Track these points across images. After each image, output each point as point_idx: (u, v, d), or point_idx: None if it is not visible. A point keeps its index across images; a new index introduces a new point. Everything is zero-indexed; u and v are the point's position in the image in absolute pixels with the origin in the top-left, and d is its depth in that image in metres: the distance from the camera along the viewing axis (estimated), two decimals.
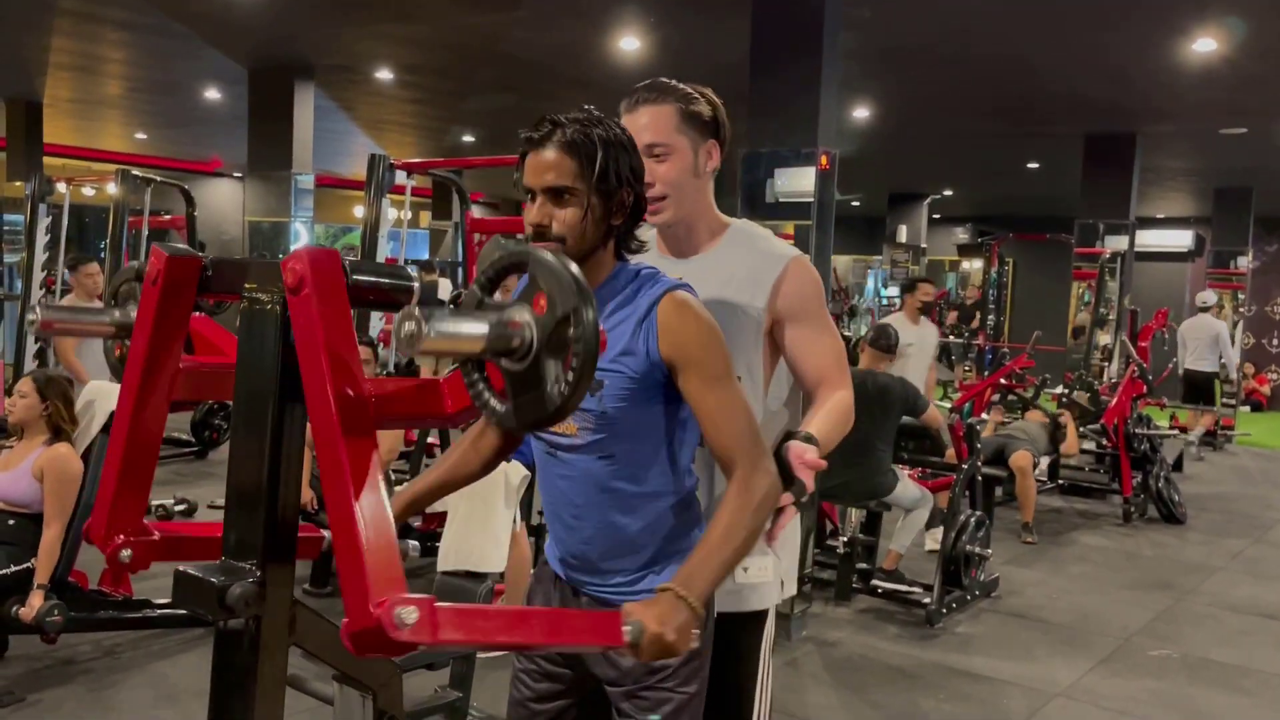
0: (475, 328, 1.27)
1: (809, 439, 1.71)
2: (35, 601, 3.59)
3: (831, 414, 1.82)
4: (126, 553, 1.51)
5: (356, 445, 1.30)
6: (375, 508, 1.28)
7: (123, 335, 1.62)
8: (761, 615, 1.89)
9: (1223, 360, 10.43)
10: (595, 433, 1.65)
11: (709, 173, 1.88)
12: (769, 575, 1.87)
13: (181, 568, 1.40)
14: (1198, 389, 10.36)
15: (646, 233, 1.96)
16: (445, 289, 8.77)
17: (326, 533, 1.64)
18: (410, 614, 1.21)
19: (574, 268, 1.29)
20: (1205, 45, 6.12)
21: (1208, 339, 10.33)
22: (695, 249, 1.91)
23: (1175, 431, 8.52)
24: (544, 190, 1.59)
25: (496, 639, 1.38)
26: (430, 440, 5.85)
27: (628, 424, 1.64)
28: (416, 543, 1.99)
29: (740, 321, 1.83)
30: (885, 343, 5.25)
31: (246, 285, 1.43)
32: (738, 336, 1.80)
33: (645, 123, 1.80)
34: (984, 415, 8.20)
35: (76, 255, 6.41)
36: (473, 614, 1.34)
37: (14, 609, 3.60)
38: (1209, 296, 10.90)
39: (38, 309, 1.60)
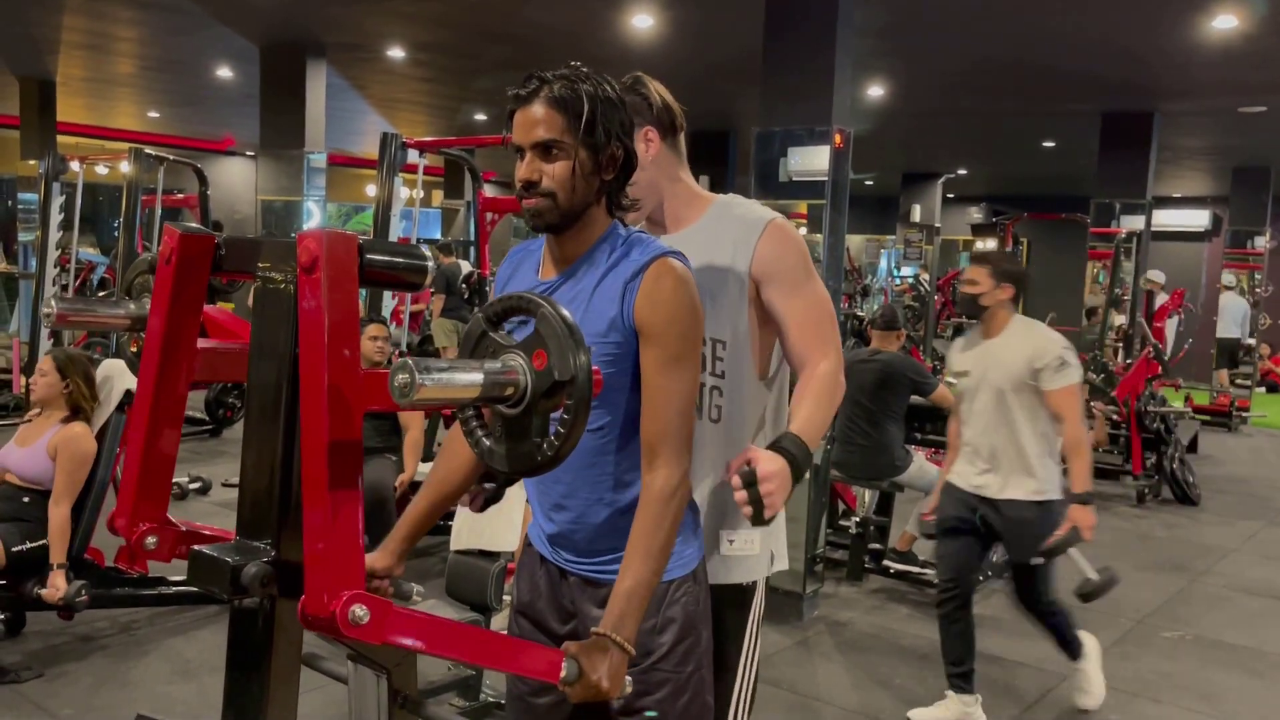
0: (469, 378, 1.30)
1: (791, 442, 1.71)
2: (59, 582, 3.62)
3: (816, 398, 1.80)
4: (152, 540, 1.54)
5: (340, 438, 1.32)
6: (347, 502, 1.33)
7: (138, 328, 1.62)
8: (749, 589, 1.88)
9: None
10: None
11: (655, 157, 1.85)
12: (755, 548, 1.87)
13: (197, 548, 1.40)
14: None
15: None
16: (465, 269, 8.78)
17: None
18: (364, 614, 1.31)
19: (576, 330, 1.32)
20: (1226, 22, 6.03)
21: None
22: (677, 226, 1.90)
23: (1188, 410, 8.46)
24: (532, 146, 1.59)
25: (439, 650, 1.45)
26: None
27: (615, 391, 1.62)
28: (419, 586, 2.02)
29: (724, 284, 1.83)
30: (887, 321, 5.24)
31: (260, 264, 1.43)
32: (721, 298, 1.81)
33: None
34: None
35: None
36: (424, 623, 1.40)
37: (35, 589, 3.63)
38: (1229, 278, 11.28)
39: (53, 303, 1.60)
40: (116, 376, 4.01)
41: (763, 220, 1.86)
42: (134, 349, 1.68)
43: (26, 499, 3.77)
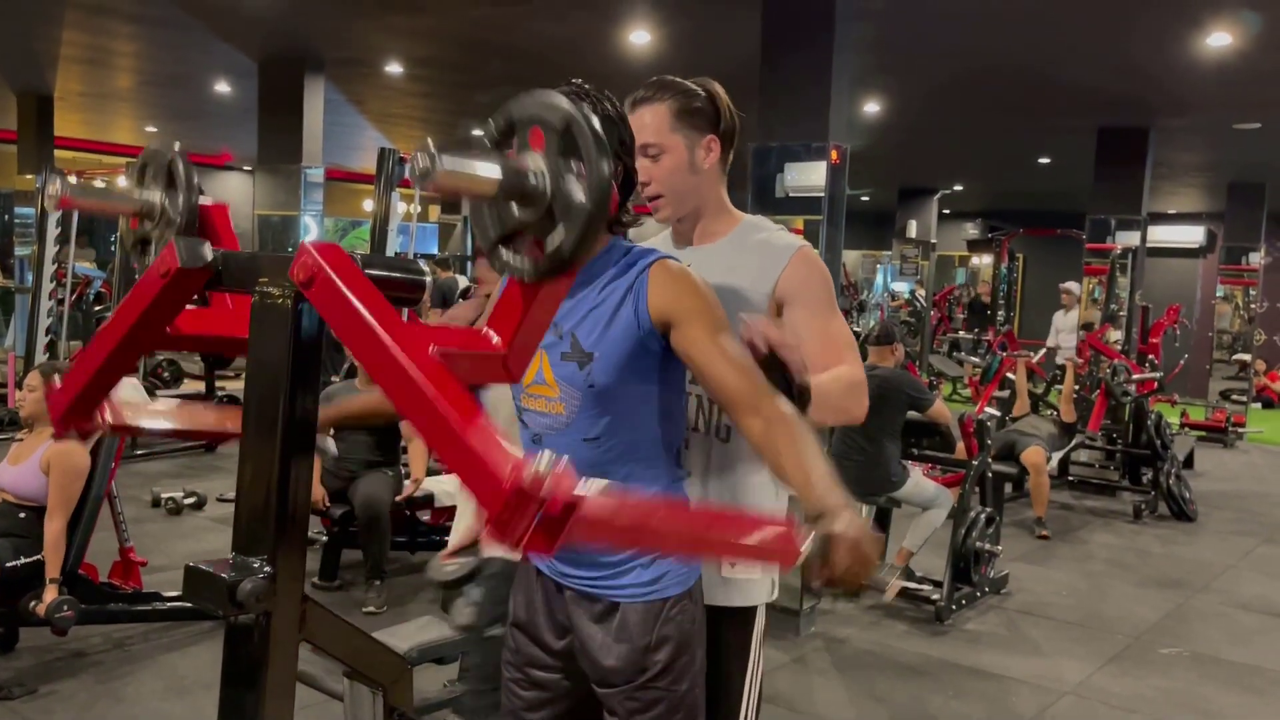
0: (489, 168, 1.24)
1: (803, 385, 1.62)
2: (49, 596, 3.60)
3: (836, 379, 1.75)
4: (74, 434, 1.60)
5: (426, 365, 1.24)
6: (461, 401, 1.21)
7: (145, 217, 1.59)
8: (750, 612, 1.88)
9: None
10: (582, 410, 1.63)
11: (711, 167, 1.86)
12: (758, 572, 1.86)
13: (192, 563, 1.39)
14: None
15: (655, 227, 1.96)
16: (462, 284, 8.79)
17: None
18: (546, 463, 1.11)
19: (587, 110, 1.26)
20: (1220, 39, 6.07)
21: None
22: (703, 240, 1.90)
23: (1177, 416, 8.53)
24: None
25: (657, 534, 1.25)
26: None
27: (616, 400, 1.62)
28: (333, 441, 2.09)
29: (744, 304, 1.81)
30: (884, 336, 5.25)
31: (259, 280, 1.43)
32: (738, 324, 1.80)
33: (644, 123, 1.80)
34: (990, 408, 8.20)
35: None
36: (635, 500, 1.27)
37: (30, 604, 3.62)
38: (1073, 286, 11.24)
39: (58, 183, 1.52)
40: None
41: (792, 246, 1.85)
42: (133, 230, 1.63)
43: (22, 515, 3.75)
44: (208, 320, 1.64)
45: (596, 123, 1.25)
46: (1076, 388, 7.55)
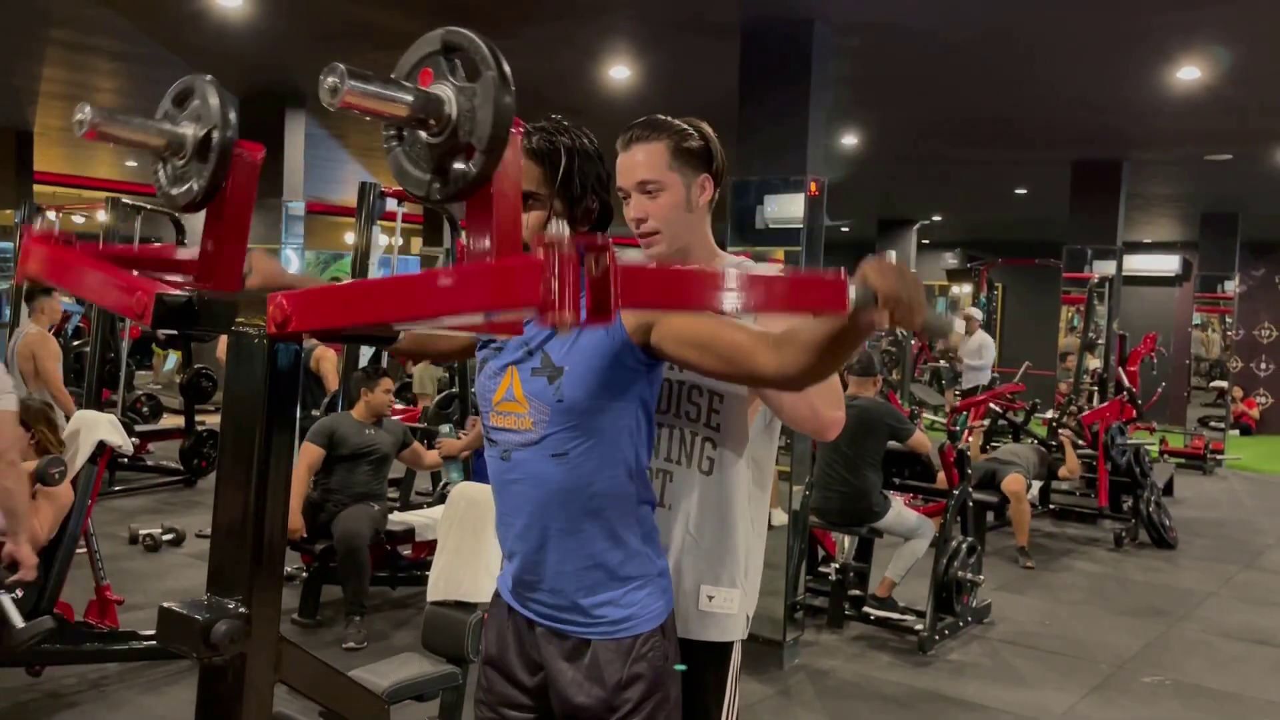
0: (400, 95, 1.26)
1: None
2: (25, 553, 3.34)
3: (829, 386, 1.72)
4: None
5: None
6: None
7: (173, 151, 1.52)
8: (726, 648, 1.87)
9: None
10: (550, 425, 1.62)
11: (703, 206, 1.89)
12: (734, 608, 1.86)
13: (166, 605, 1.38)
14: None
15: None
16: None
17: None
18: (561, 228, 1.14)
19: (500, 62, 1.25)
20: (1189, 73, 6.17)
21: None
22: None
23: (1156, 443, 8.59)
24: None
25: (709, 298, 1.23)
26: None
27: (584, 416, 1.61)
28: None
29: None
30: (864, 367, 5.28)
31: (237, 319, 1.43)
32: None
33: (639, 160, 1.82)
34: (968, 440, 8.24)
35: (34, 287, 6.37)
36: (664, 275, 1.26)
37: (4, 575, 3.42)
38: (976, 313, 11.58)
39: (87, 109, 1.47)
40: (87, 428, 3.96)
41: None
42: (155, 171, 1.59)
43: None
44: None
45: (487, 49, 1.24)
46: (1057, 419, 7.60)
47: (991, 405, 9.21)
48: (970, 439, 8.24)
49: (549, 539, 1.66)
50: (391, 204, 6.73)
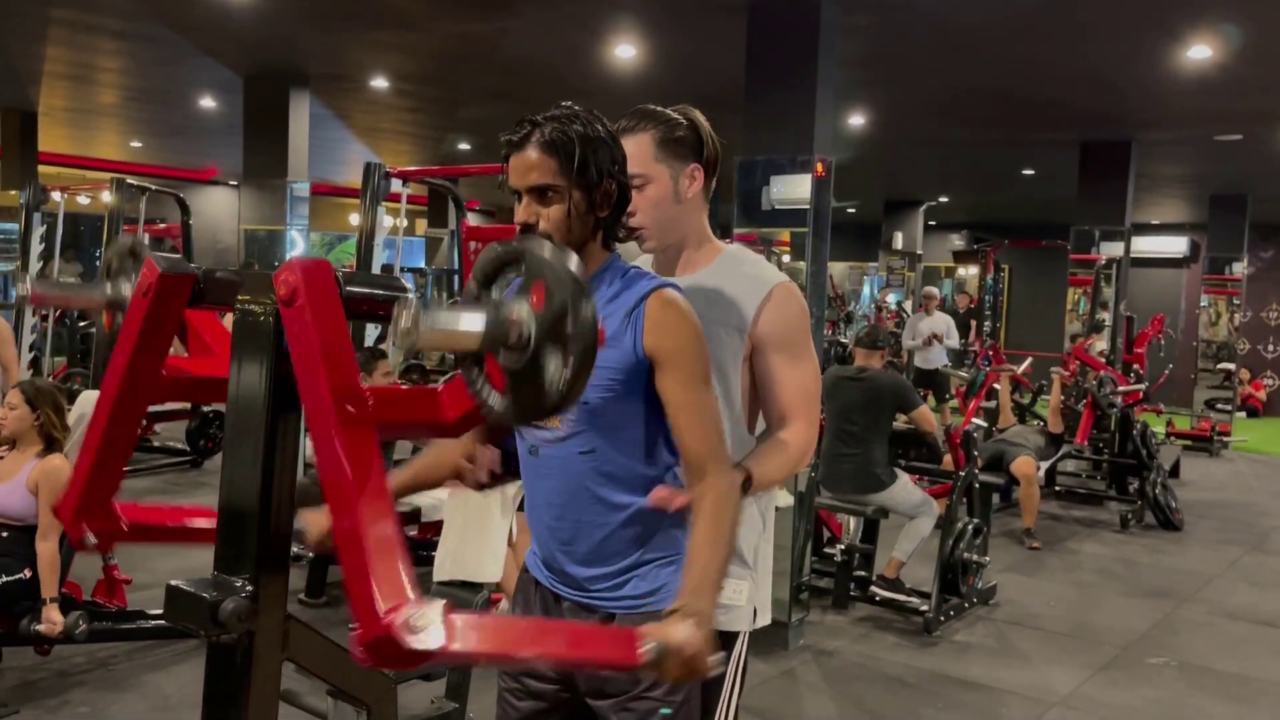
0: (471, 322, 1.26)
1: (745, 473, 1.72)
2: (54, 615, 3.61)
3: (782, 452, 1.82)
4: (91, 537, 1.52)
5: (357, 447, 1.28)
6: (379, 511, 1.26)
7: (115, 309, 1.61)
8: (731, 638, 1.87)
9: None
10: (577, 424, 1.66)
11: (694, 196, 1.86)
12: (742, 599, 1.87)
13: (174, 582, 1.38)
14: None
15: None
16: None
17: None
18: (422, 619, 1.17)
19: (573, 261, 1.30)
20: (1200, 52, 6.12)
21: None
22: (686, 271, 1.90)
23: (1163, 425, 8.59)
24: (528, 190, 1.63)
25: (512, 650, 1.34)
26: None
27: (610, 416, 1.65)
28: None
29: (721, 341, 1.82)
30: (872, 339, 5.28)
31: (240, 297, 1.42)
32: (717, 353, 1.80)
33: (626, 154, 1.79)
34: (976, 421, 8.23)
35: None
36: (489, 624, 1.32)
37: (30, 626, 3.60)
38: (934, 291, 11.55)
39: (28, 282, 1.60)
40: (91, 411, 3.96)
41: (770, 283, 1.86)
42: (108, 327, 1.65)
43: (5, 534, 3.72)
44: (206, 365, 1.65)
45: (595, 323, 1.28)
46: (1063, 399, 7.58)
47: (994, 386, 9.19)
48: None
49: (578, 531, 1.71)
50: (397, 185, 6.71)
